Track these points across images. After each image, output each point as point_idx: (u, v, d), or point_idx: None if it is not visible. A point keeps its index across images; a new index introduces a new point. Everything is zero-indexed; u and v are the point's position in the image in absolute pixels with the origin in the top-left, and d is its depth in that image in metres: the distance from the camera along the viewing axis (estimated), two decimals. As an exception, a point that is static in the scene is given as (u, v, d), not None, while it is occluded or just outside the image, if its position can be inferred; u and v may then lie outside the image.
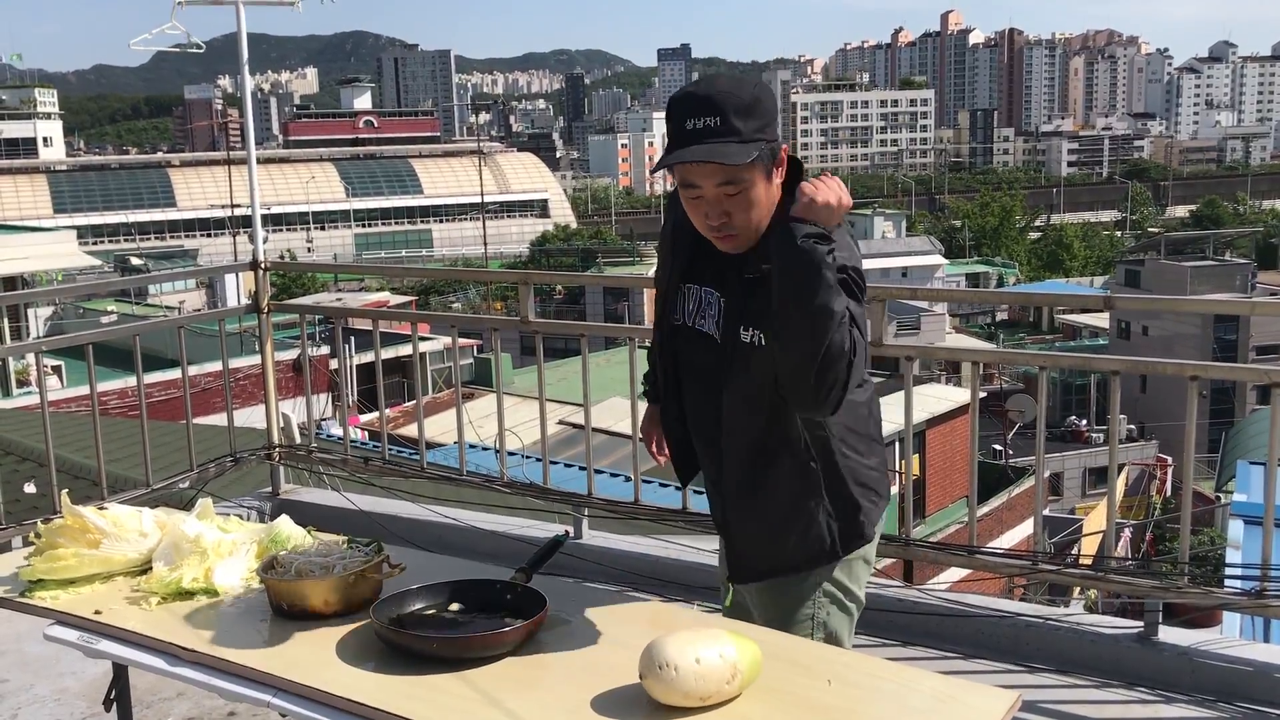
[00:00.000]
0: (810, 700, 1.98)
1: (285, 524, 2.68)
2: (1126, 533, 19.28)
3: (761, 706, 1.96)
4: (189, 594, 2.47)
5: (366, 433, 14.31)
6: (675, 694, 1.92)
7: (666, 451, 2.66)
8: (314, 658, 2.17)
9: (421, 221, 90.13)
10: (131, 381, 5.39)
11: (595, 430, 5.75)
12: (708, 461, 2.49)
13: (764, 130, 2.19)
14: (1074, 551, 17.23)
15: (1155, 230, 78.83)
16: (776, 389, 2.25)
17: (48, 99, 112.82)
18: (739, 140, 2.15)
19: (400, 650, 2.15)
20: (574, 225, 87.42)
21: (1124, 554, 16.05)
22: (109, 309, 30.77)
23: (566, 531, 2.80)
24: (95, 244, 66.01)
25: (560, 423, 13.28)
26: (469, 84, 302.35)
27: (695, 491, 3.83)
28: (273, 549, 2.57)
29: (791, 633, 2.34)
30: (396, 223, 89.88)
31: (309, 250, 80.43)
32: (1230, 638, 4.05)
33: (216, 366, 5.66)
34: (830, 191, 2.14)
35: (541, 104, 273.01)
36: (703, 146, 2.15)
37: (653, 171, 2.36)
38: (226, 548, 2.57)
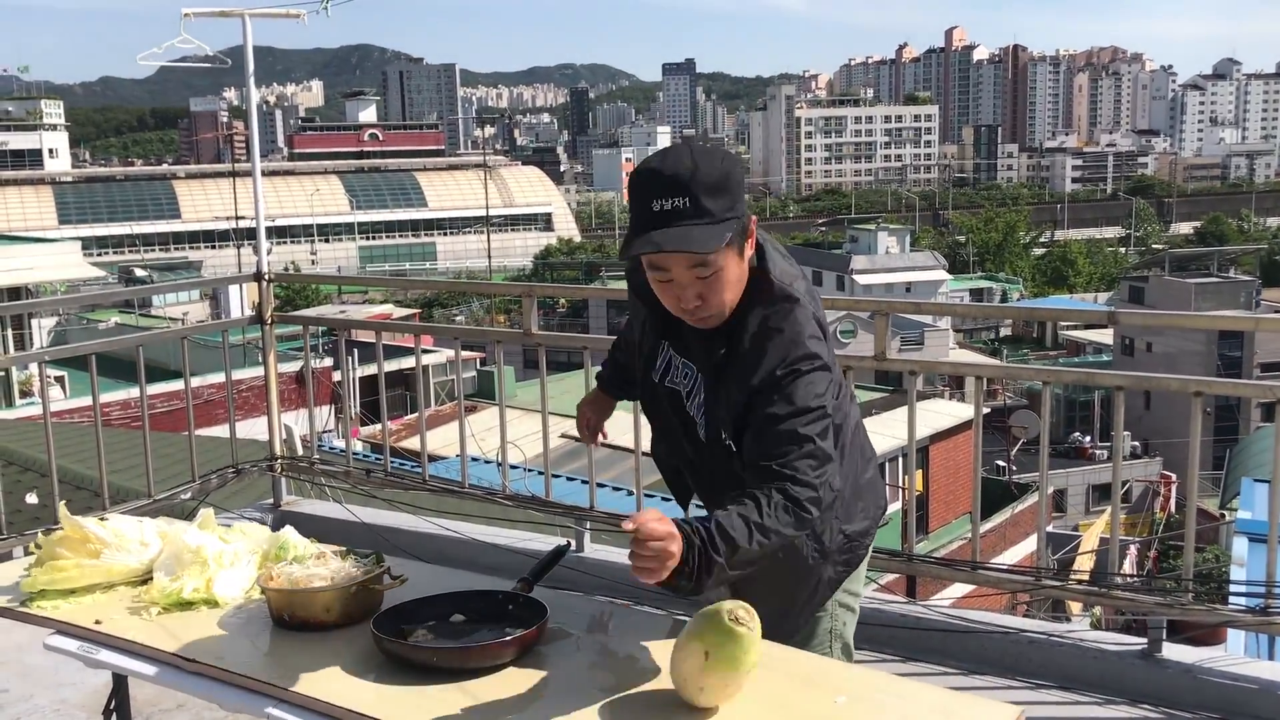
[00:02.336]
0: (812, 714, 1.98)
1: (290, 534, 2.68)
2: (1131, 549, 19.22)
3: (763, 721, 1.95)
4: (190, 604, 2.47)
5: (369, 445, 14.30)
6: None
7: (600, 435, 2.71)
8: (315, 668, 2.16)
9: (425, 234, 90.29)
10: (134, 392, 5.40)
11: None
12: (698, 487, 2.50)
13: (734, 207, 2.10)
14: (1073, 568, 17.18)
15: (1160, 247, 78.77)
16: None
17: (54, 110, 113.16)
18: (710, 221, 2.06)
19: (401, 661, 2.15)
20: (578, 239, 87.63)
21: (1129, 571, 15.99)
22: (113, 320, 30.83)
23: (569, 542, 2.79)
24: (100, 255, 66.21)
25: (562, 436, 13.26)
26: (474, 98, 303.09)
27: (698, 506, 3.83)
28: (281, 557, 2.57)
29: (809, 649, 2.35)
30: (400, 235, 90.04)
31: (313, 263, 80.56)
32: (1235, 655, 4.03)
33: (219, 378, 5.67)
34: (647, 565, 1.90)
35: (546, 118, 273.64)
36: (674, 231, 2.04)
37: (621, 257, 2.18)
38: (227, 558, 2.57)
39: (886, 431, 16.68)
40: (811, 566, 2.34)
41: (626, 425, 4.39)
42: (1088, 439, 32.54)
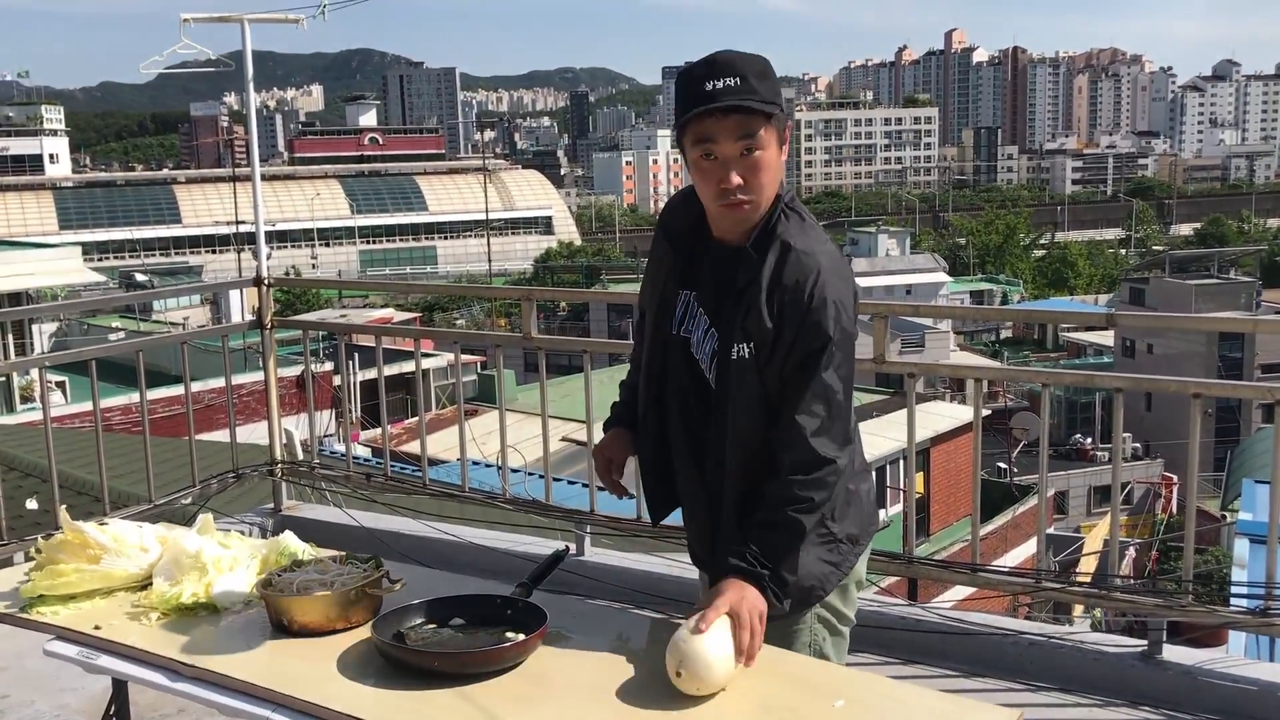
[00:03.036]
0: (811, 718, 1.98)
1: (290, 539, 2.68)
2: (1131, 551, 19.22)
3: (762, 724, 1.95)
4: (189, 609, 2.47)
5: (369, 449, 14.30)
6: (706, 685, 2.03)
7: (623, 487, 2.62)
8: (314, 673, 2.17)
9: (426, 238, 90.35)
10: (135, 397, 5.40)
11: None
12: (691, 492, 2.42)
13: (778, 97, 2.22)
14: (1076, 570, 17.18)
15: (1160, 248, 78.79)
16: (766, 424, 2.24)
17: (54, 116, 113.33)
18: (760, 100, 2.18)
19: (400, 665, 2.15)
20: (578, 242, 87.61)
21: (1129, 573, 15.99)
22: (113, 325, 30.84)
23: (568, 546, 2.79)
24: (100, 260, 66.23)
25: (563, 440, 13.27)
26: (474, 101, 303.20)
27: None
28: (281, 562, 2.57)
29: None
30: (401, 239, 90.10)
31: (314, 267, 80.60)
32: (1235, 657, 4.02)
33: (220, 382, 5.67)
34: (746, 639, 2.10)
35: (546, 121, 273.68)
36: (732, 96, 2.16)
37: (677, 126, 2.26)
38: (227, 563, 2.57)
39: (887, 434, 16.67)
40: None
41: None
42: (1088, 441, 32.52)
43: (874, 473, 2.58)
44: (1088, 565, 16.93)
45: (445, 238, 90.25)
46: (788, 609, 2.22)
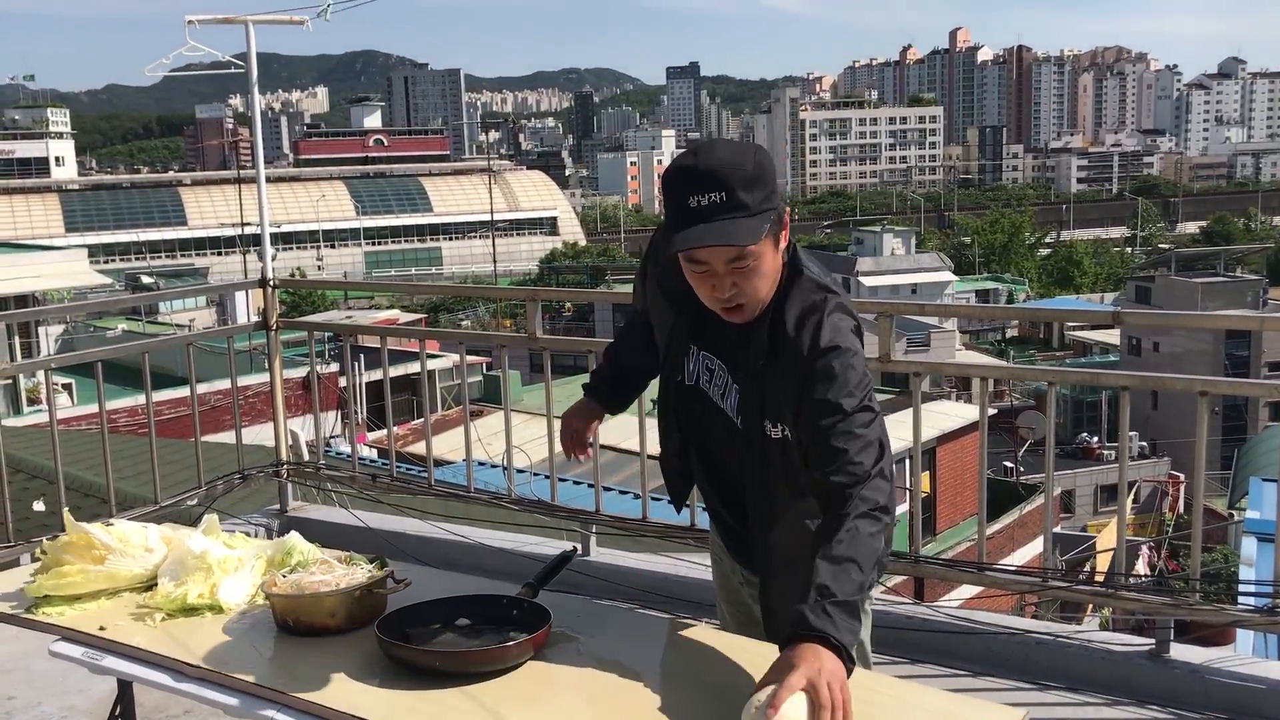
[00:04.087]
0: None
1: (295, 539, 2.68)
2: (1144, 550, 19.18)
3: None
4: (194, 610, 2.47)
5: (375, 450, 14.31)
6: None
7: (586, 450, 2.66)
8: (319, 673, 2.16)
9: (431, 239, 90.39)
10: (141, 399, 5.40)
11: (603, 447, 5.74)
12: (714, 510, 2.47)
13: (769, 199, 2.10)
14: (1087, 569, 17.16)
15: (1165, 246, 78.69)
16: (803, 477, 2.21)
17: (60, 119, 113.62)
18: (748, 214, 2.07)
19: (406, 665, 2.15)
20: (583, 243, 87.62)
21: (1141, 572, 15.95)
22: (119, 327, 30.89)
23: (575, 547, 2.79)
24: (106, 262, 66.27)
25: (569, 440, 13.26)
26: (478, 103, 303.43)
27: (702, 508, 3.82)
28: (287, 562, 2.57)
29: None
30: (406, 241, 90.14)
31: (319, 268, 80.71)
32: (1243, 655, 4.02)
33: (226, 384, 5.69)
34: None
35: (551, 122, 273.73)
36: (714, 226, 2.05)
37: (666, 256, 2.21)
38: (232, 564, 2.57)
39: (892, 433, 16.37)
40: None
41: (632, 428, 4.40)
42: (1095, 439, 32.47)
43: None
44: (1103, 563, 16.90)
45: (450, 239, 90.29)
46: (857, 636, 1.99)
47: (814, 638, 1.87)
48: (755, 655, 2.16)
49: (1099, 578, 8.83)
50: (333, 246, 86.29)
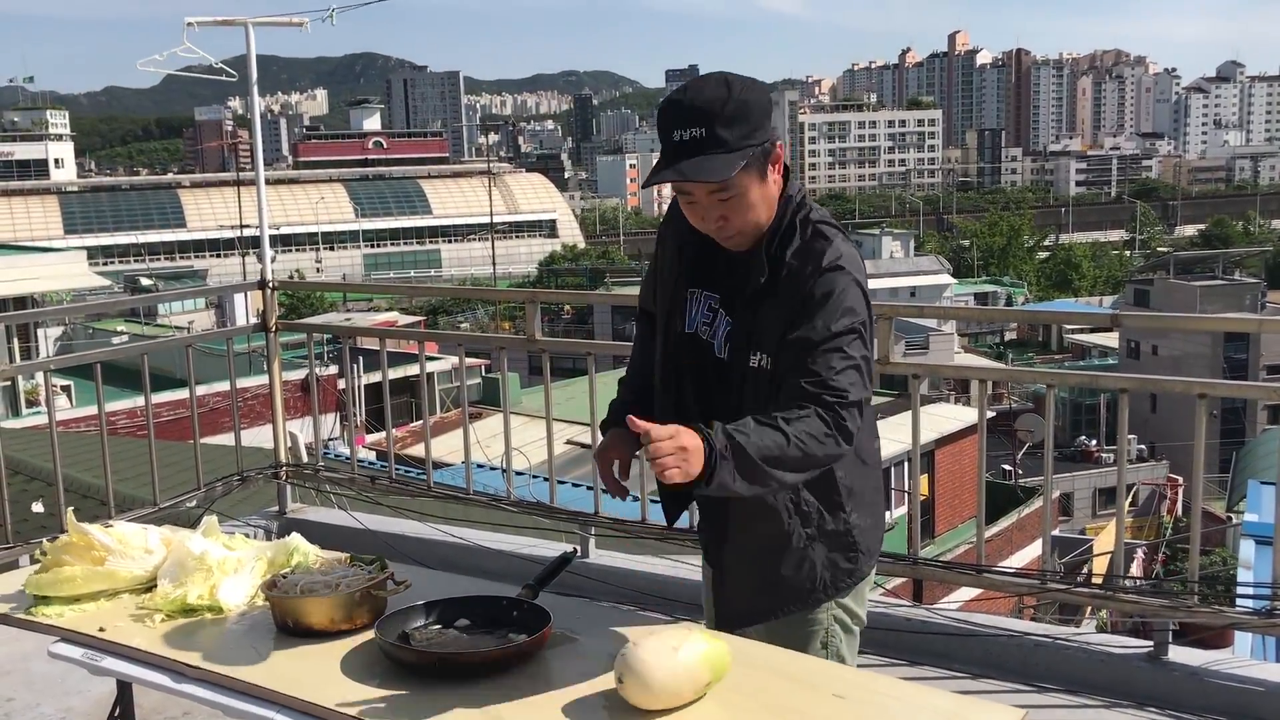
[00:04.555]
0: (814, 717, 1.97)
1: (295, 540, 2.68)
2: (1140, 553, 19.19)
3: (767, 725, 1.95)
4: (194, 611, 2.47)
5: (374, 452, 14.31)
6: (648, 694, 1.96)
7: (623, 483, 2.55)
8: (318, 675, 2.16)
9: (430, 242, 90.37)
10: (140, 401, 5.40)
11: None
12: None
13: (752, 135, 2.16)
14: (1085, 571, 17.15)
15: (1164, 250, 78.70)
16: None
17: (59, 121, 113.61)
18: (725, 151, 2.13)
19: (405, 667, 2.15)
20: (582, 245, 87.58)
21: (1138, 574, 15.95)
22: (118, 329, 30.87)
23: (575, 548, 2.79)
24: (105, 264, 66.27)
25: (568, 442, 13.28)
26: (478, 105, 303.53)
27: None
28: (286, 564, 2.57)
29: None
30: (405, 243, 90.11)
31: (318, 270, 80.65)
32: (1241, 657, 4.02)
33: (225, 386, 5.69)
34: (667, 460, 2.00)
35: (550, 125, 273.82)
36: (691, 162, 2.13)
37: (643, 187, 2.38)
38: (231, 565, 2.57)
39: (891, 436, 16.54)
40: (799, 546, 2.33)
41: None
42: (1093, 442, 32.48)
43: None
44: (1100, 566, 16.91)
45: (449, 241, 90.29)
46: (734, 484, 2.05)
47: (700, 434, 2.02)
48: (754, 656, 2.16)
49: (1097, 580, 8.83)
50: (332, 249, 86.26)
